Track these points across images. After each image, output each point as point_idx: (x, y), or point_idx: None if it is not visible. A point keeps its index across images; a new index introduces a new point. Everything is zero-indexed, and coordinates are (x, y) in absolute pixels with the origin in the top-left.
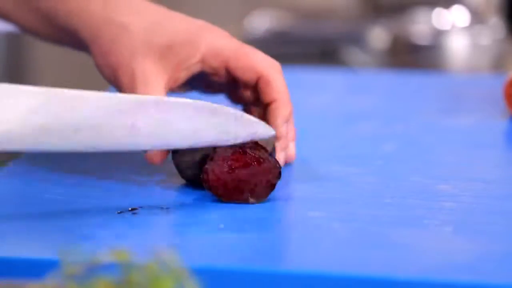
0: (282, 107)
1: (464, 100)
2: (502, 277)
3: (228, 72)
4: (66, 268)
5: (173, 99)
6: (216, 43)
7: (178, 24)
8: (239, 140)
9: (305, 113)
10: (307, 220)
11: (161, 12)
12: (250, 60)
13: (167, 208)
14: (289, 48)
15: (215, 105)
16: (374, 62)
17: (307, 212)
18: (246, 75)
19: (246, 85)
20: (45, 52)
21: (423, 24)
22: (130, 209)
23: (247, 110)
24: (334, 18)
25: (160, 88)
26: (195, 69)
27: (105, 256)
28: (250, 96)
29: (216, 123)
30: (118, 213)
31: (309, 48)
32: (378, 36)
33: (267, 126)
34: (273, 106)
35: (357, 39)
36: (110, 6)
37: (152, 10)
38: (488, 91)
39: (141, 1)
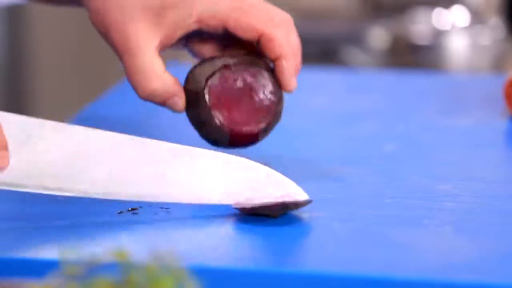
0: (288, 62)
1: (464, 100)
2: (502, 277)
3: (227, 32)
4: (66, 268)
5: (206, 151)
6: (212, 5)
7: None
8: (270, 200)
9: (305, 113)
10: (307, 220)
11: None
12: (249, 19)
13: (167, 208)
14: None
15: (248, 161)
16: (374, 62)
17: (307, 212)
18: (247, 35)
19: (247, 43)
20: (46, 25)
21: (423, 24)
22: (130, 209)
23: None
24: (334, 18)
25: (152, 52)
26: (192, 28)
27: (105, 256)
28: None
29: (248, 179)
30: (118, 213)
31: (309, 48)
32: (378, 36)
33: (298, 187)
34: (278, 62)
35: (357, 39)
36: None
37: None
38: (488, 91)
39: None
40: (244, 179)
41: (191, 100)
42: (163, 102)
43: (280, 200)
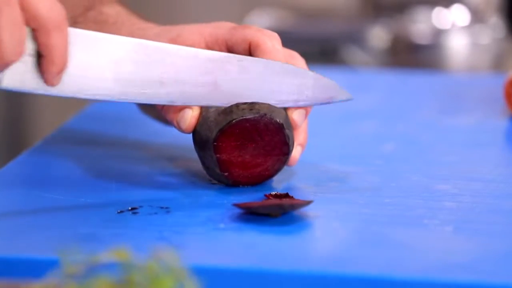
0: None
1: (464, 100)
2: (502, 277)
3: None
4: (66, 268)
5: (254, 59)
6: (217, 29)
7: (187, 26)
8: (314, 102)
9: None
10: (307, 220)
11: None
12: (242, 33)
13: (167, 208)
14: (289, 48)
15: (295, 67)
16: (374, 61)
17: (307, 212)
18: (241, 48)
19: None
20: None
21: (423, 23)
22: (130, 209)
23: None
24: (334, 18)
25: None
26: None
27: (105, 256)
28: None
29: (295, 84)
30: (118, 212)
31: (309, 47)
32: (378, 35)
33: (343, 90)
34: None
35: (357, 39)
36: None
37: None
38: (488, 91)
39: None
40: (292, 83)
41: (200, 142)
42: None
43: (278, 201)
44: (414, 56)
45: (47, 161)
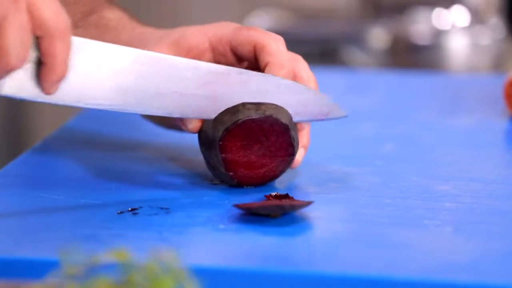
0: (275, 68)
1: (464, 100)
2: (502, 277)
3: (235, 55)
4: (66, 268)
5: (254, 73)
6: (220, 30)
7: (190, 27)
8: (313, 118)
9: None
10: (307, 221)
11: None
12: (247, 34)
13: (167, 208)
14: (289, 48)
15: (295, 83)
16: (374, 62)
17: (308, 213)
18: (245, 49)
19: (251, 62)
20: None
21: (423, 24)
22: (130, 209)
23: None
24: (334, 18)
25: None
26: (207, 60)
27: (105, 256)
28: None
29: (294, 101)
30: (118, 213)
31: (309, 48)
32: (378, 36)
33: (340, 108)
34: (266, 68)
35: (357, 39)
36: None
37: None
38: (488, 91)
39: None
40: (293, 100)
41: (206, 141)
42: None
43: (279, 203)
44: (414, 56)
45: (47, 162)
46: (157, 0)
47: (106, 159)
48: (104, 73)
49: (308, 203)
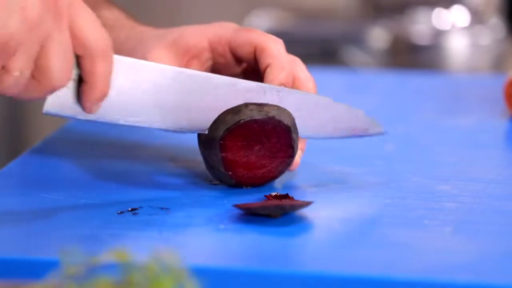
0: (276, 71)
1: (464, 100)
2: (502, 277)
3: (234, 56)
4: (66, 268)
5: (291, 90)
6: (220, 30)
7: (189, 26)
8: (348, 134)
9: None
10: (307, 221)
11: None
12: (247, 36)
13: (167, 208)
14: (289, 48)
15: (330, 99)
16: (374, 62)
17: (308, 213)
18: (245, 50)
19: (250, 64)
20: None
21: (423, 24)
22: (130, 209)
23: None
24: (334, 18)
25: None
26: (206, 60)
27: (105, 256)
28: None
29: (331, 117)
30: (118, 213)
31: (309, 48)
32: (378, 36)
33: (377, 124)
34: (267, 70)
35: (357, 39)
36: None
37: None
38: (488, 91)
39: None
40: (328, 116)
41: (206, 140)
42: None
43: (279, 203)
44: (414, 56)
45: (47, 162)
46: (157, 0)
47: (106, 159)
48: (144, 91)
49: (308, 203)
